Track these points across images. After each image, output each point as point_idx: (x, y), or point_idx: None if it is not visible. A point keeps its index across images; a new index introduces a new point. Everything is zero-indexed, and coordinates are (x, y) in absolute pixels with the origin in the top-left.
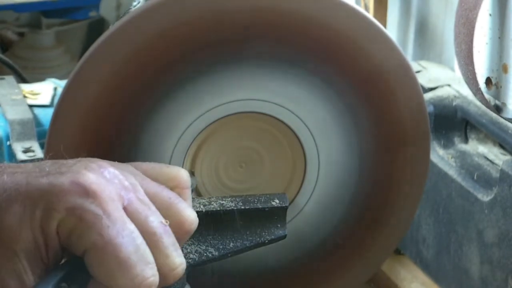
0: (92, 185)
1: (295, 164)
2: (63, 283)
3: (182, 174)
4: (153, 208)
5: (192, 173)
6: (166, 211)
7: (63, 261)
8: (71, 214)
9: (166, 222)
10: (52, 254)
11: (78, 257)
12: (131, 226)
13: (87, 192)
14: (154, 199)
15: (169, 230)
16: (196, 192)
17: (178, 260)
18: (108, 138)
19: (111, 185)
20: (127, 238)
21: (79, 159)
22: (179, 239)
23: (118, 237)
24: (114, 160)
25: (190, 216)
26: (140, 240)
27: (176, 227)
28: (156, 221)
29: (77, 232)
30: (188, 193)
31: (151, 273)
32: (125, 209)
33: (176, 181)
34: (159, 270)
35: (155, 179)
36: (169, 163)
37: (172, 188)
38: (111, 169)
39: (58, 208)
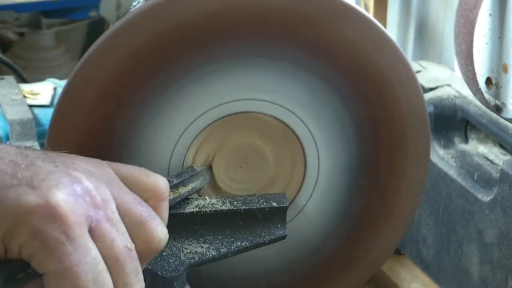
0: (60, 208)
1: (295, 164)
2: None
3: (160, 185)
4: (122, 228)
5: (210, 167)
6: (136, 227)
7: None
8: (33, 238)
9: (132, 245)
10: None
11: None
12: (93, 253)
13: (53, 216)
14: (125, 214)
15: (133, 255)
16: (214, 186)
17: (137, 287)
18: (107, 138)
19: (81, 204)
20: (88, 266)
21: (58, 161)
22: (146, 256)
23: (79, 265)
24: (113, 161)
25: (159, 234)
26: (101, 266)
27: (145, 244)
28: (121, 245)
29: (38, 256)
30: (165, 205)
31: None
32: (91, 230)
33: (153, 192)
34: None
35: (132, 186)
36: (169, 163)
37: (148, 199)
38: (85, 184)
39: (21, 230)
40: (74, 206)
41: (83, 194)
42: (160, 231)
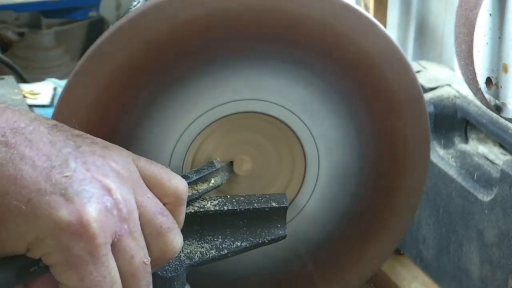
0: (90, 228)
1: (295, 164)
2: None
3: (180, 192)
4: (142, 242)
5: (230, 163)
6: (155, 238)
7: None
8: (59, 252)
9: (148, 259)
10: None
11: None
12: (113, 273)
13: (82, 235)
14: (146, 224)
15: (148, 269)
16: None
17: None
18: (108, 138)
19: (109, 220)
20: (106, 285)
21: (88, 161)
22: (158, 264)
23: (98, 285)
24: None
25: (175, 246)
26: (117, 285)
27: (160, 254)
28: (139, 261)
29: (60, 268)
30: (182, 210)
31: None
32: (114, 244)
33: (172, 198)
34: None
35: (154, 187)
36: (169, 163)
37: (166, 203)
38: (114, 196)
39: (49, 242)
40: (104, 225)
41: (112, 208)
42: (176, 242)
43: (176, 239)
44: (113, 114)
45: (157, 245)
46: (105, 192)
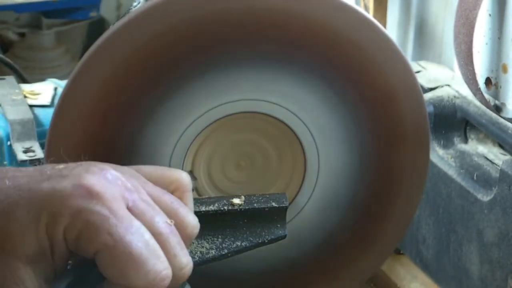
0: (95, 187)
1: (295, 164)
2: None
3: (183, 177)
4: (157, 208)
5: (191, 174)
6: (168, 215)
7: (70, 264)
8: (77, 218)
9: (171, 221)
10: (58, 259)
11: (86, 259)
12: (137, 223)
13: (90, 194)
14: (156, 203)
15: (174, 230)
16: (197, 192)
17: (185, 260)
18: (108, 138)
19: (114, 186)
20: (136, 235)
21: (80, 163)
22: (183, 242)
23: (128, 234)
24: (113, 161)
25: (192, 221)
26: (148, 235)
27: (179, 230)
28: (161, 221)
29: (85, 235)
30: (190, 196)
31: (163, 267)
32: (129, 209)
33: (177, 184)
34: None
35: (156, 182)
36: (169, 163)
37: (173, 191)
38: (113, 172)
39: (63, 213)
40: (108, 186)
41: (114, 179)
42: (192, 217)
43: (190, 215)
44: (113, 115)
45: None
46: (103, 169)
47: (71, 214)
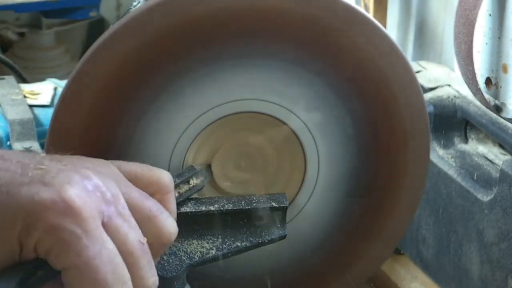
0: (74, 203)
1: (294, 164)
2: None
3: (164, 179)
4: (133, 222)
5: (208, 166)
6: (146, 223)
7: None
8: (50, 234)
9: (144, 239)
10: (23, 260)
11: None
12: (110, 246)
13: (67, 210)
14: (134, 210)
15: (146, 248)
16: (213, 185)
17: (151, 281)
18: (108, 138)
19: (93, 199)
20: (106, 258)
21: (64, 161)
22: (157, 251)
23: (97, 257)
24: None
25: (169, 228)
26: (118, 259)
27: (155, 239)
28: (134, 239)
29: (55, 251)
30: (171, 197)
31: None
32: (104, 224)
33: (158, 186)
34: None
35: (137, 182)
36: (169, 163)
37: (153, 193)
38: (94, 180)
39: (37, 226)
40: (87, 201)
41: (94, 190)
42: (169, 224)
43: (168, 221)
44: (112, 115)
45: (150, 231)
46: (84, 178)
47: (45, 228)
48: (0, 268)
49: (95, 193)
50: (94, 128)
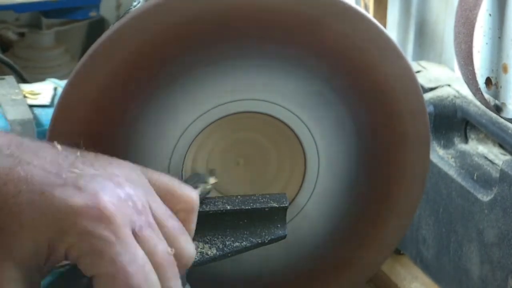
0: (107, 210)
1: (295, 164)
2: None
3: (192, 199)
4: (161, 235)
5: (213, 172)
6: (168, 242)
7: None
8: (83, 240)
9: (172, 251)
10: (51, 264)
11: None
12: (141, 253)
13: (101, 217)
14: (159, 226)
15: (173, 261)
16: (216, 191)
17: None
18: (108, 138)
19: (125, 208)
20: (138, 266)
21: (96, 165)
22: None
23: (130, 265)
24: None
25: (189, 252)
26: (148, 267)
27: (176, 257)
28: (163, 251)
29: (88, 258)
30: (194, 217)
31: None
32: (135, 234)
33: (184, 204)
34: None
35: (164, 197)
36: (169, 164)
37: (178, 211)
38: (127, 189)
39: (70, 232)
40: (120, 209)
41: (126, 199)
42: (189, 248)
43: (188, 245)
44: (112, 115)
45: (172, 247)
46: (117, 186)
47: (78, 234)
48: (23, 271)
49: (127, 202)
50: (94, 128)
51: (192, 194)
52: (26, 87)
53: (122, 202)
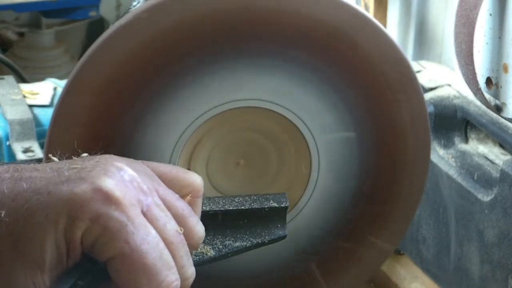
0: (114, 192)
1: (296, 163)
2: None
3: (197, 182)
4: (169, 214)
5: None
6: (177, 222)
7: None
8: (95, 223)
9: (181, 230)
10: (72, 262)
11: (91, 258)
12: (154, 232)
13: (109, 199)
14: (168, 207)
15: (183, 239)
16: (214, 186)
17: (190, 270)
18: (108, 138)
19: (130, 189)
20: (152, 244)
21: (96, 158)
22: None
23: (144, 243)
24: None
25: (199, 231)
26: (162, 245)
27: (186, 238)
28: (173, 229)
29: (102, 240)
30: (200, 202)
31: (174, 278)
32: (143, 214)
33: (190, 188)
34: None
35: (170, 183)
36: (169, 163)
37: (184, 195)
38: (130, 172)
39: (82, 217)
40: (126, 190)
41: (131, 180)
42: (199, 227)
43: (198, 225)
44: (113, 114)
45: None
46: (120, 169)
47: (90, 218)
48: (49, 276)
49: (132, 183)
50: (94, 128)
51: (196, 179)
52: (25, 87)
53: (126, 184)
